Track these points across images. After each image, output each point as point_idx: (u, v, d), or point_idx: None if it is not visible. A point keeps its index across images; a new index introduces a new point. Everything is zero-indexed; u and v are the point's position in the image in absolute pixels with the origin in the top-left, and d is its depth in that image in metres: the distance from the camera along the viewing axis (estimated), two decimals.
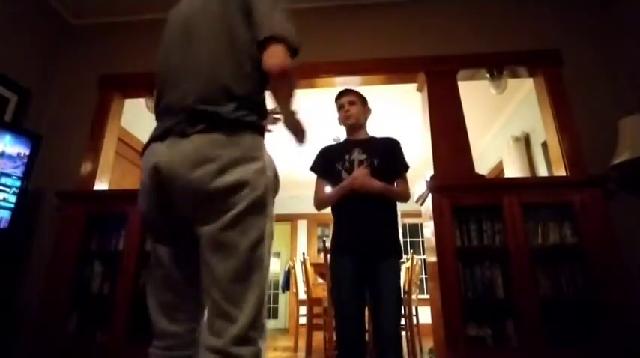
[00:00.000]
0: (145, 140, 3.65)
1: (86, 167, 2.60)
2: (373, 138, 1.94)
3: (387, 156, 1.84)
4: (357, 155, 1.84)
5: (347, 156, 1.84)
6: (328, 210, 1.90)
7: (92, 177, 2.57)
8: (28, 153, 2.31)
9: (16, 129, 2.36)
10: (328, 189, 1.89)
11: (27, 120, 2.59)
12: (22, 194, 2.29)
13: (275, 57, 0.93)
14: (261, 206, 0.91)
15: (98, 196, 2.50)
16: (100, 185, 2.61)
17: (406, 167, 1.90)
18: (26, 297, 2.35)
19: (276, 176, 1.00)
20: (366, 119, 1.95)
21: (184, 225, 0.93)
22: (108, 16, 3.00)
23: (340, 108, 1.93)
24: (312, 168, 1.95)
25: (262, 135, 0.99)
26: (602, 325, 1.96)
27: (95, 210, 2.40)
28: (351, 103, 1.90)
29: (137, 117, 3.49)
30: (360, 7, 2.85)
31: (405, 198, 1.87)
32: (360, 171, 1.77)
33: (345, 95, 1.92)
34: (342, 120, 1.93)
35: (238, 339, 0.82)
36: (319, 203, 1.90)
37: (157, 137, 0.94)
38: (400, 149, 1.90)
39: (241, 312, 0.83)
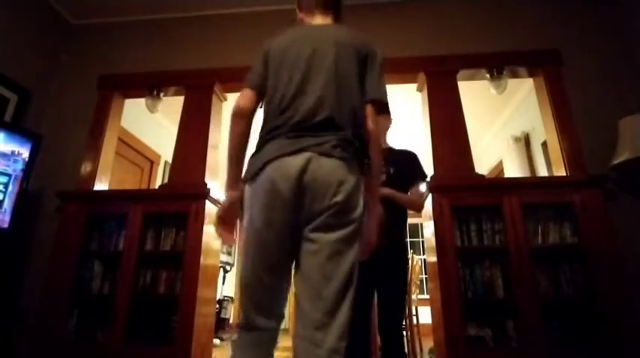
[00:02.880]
0: (144, 140, 3.63)
1: (86, 167, 2.60)
2: (392, 149, 2.02)
3: (403, 167, 1.93)
4: None
5: None
6: None
7: (92, 177, 2.57)
8: (22, 151, 2.31)
9: (10, 127, 2.35)
10: None
11: (27, 120, 2.59)
12: (21, 194, 2.29)
13: (375, 123, 1.16)
14: (362, 226, 1.07)
15: (98, 196, 2.50)
16: (100, 185, 2.61)
17: (423, 176, 1.97)
18: (26, 297, 2.35)
19: None
20: (385, 128, 2.03)
21: (300, 231, 1.05)
22: (108, 16, 3.00)
23: None
24: None
25: None
26: (602, 325, 1.95)
27: (95, 210, 2.40)
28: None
29: (137, 117, 3.49)
30: (360, 7, 2.85)
31: (415, 205, 1.95)
32: None
33: None
34: None
35: (339, 335, 0.96)
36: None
37: (291, 153, 1.04)
38: (417, 161, 1.99)
39: (341, 311, 0.98)
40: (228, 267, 5.94)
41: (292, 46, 1.20)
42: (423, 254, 6.06)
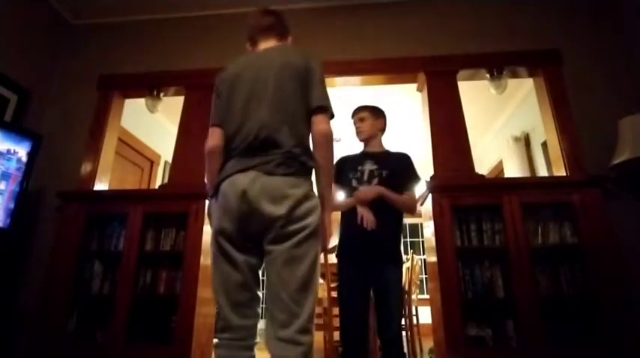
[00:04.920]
0: (144, 140, 3.64)
1: (86, 167, 2.60)
2: (387, 152, 2.06)
3: (397, 169, 1.96)
4: (369, 166, 1.97)
5: (359, 167, 1.98)
6: None
7: (92, 177, 2.57)
8: (18, 150, 2.29)
9: (7, 126, 2.34)
10: (341, 194, 2.01)
11: (27, 120, 2.59)
12: (21, 193, 2.29)
13: (324, 123, 1.25)
14: (317, 232, 1.17)
15: (98, 196, 2.50)
16: (100, 185, 2.61)
17: (416, 179, 1.99)
18: (26, 297, 2.35)
19: None
20: (380, 130, 2.07)
21: (256, 239, 1.17)
22: (108, 16, 3.00)
23: (354, 124, 2.08)
24: None
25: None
26: (602, 325, 1.96)
27: (95, 210, 2.40)
28: (361, 120, 2.05)
29: (137, 117, 3.49)
30: (360, 6, 2.85)
31: (409, 206, 1.97)
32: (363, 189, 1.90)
33: (356, 113, 2.08)
34: (356, 136, 2.09)
35: (301, 330, 1.07)
36: (332, 208, 2.03)
37: (241, 170, 1.18)
38: (410, 163, 2.01)
39: (303, 311, 1.09)
40: None
41: (238, 75, 1.33)
42: (423, 254, 6.06)
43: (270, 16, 1.48)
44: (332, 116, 1.29)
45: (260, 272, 1.23)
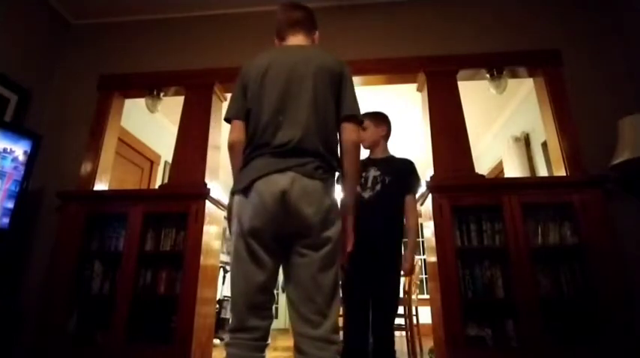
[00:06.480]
0: (144, 140, 3.62)
1: (86, 167, 2.60)
2: (391, 158, 2.09)
3: (399, 174, 2.01)
4: (372, 172, 2.01)
5: (363, 174, 2.01)
6: None
7: (92, 177, 2.57)
8: (15, 148, 2.28)
9: (5, 125, 2.33)
10: None
11: (27, 120, 2.59)
12: (21, 194, 2.28)
13: (355, 132, 1.27)
14: (340, 239, 1.21)
15: (98, 196, 2.50)
16: (100, 185, 2.61)
17: (418, 183, 2.05)
18: (26, 297, 2.35)
19: None
20: (382, 137, 2.12)
21: (286, 241, 1.18)
22: (108, 16, 3.00)
23: None
24: None
25: None
26: (602, 325, 1.96)
27: (95, 210, 2.40)
28: (363, 129, 2.05)
29: (137, 117, 3.49)
30: (359, 7, 2.85)
31: (417, 226, 2.06)
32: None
33: None
34: None
35: (332, 329, 1.13)
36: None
37: (279, 170, 1.16)
38: (412, 168, 2.06)
39: (332, 311, 1.14)
40: (228, 267, 5.93)
41: (270, 70, 1.28)
42: (423, 254, 6.06)
43: (299, 11, 1.45)
44: (361, 124, 1.30)
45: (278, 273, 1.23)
